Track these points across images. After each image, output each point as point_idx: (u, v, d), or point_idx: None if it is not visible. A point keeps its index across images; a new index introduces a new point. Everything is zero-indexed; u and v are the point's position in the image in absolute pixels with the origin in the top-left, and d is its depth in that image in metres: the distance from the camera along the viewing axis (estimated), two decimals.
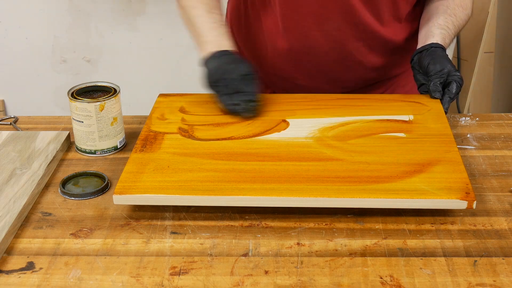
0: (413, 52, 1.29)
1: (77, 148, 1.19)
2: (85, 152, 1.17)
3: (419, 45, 1.29)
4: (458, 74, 1.22)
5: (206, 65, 1.22)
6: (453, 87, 1.21)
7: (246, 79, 1.19)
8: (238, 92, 1.18)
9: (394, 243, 0.95)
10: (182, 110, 1.22)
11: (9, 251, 0.94)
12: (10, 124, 1.29)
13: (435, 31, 1.28)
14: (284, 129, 1.15)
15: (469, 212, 1.01)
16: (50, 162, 1.12)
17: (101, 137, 1.15)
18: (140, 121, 1.29)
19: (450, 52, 2.48)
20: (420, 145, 1.10)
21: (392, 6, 1.31)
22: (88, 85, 1.19)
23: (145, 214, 1.01)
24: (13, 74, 2.67)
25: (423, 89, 1.26)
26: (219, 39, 1.25)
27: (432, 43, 1.25)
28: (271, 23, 1.34)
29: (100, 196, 1.06)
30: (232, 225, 0.99)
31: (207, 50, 1.23)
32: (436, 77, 1.22)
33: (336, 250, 0.93)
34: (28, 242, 0.95)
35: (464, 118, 1.29)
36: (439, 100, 1.22)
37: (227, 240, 0.96)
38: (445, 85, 1.23)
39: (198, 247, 0.94)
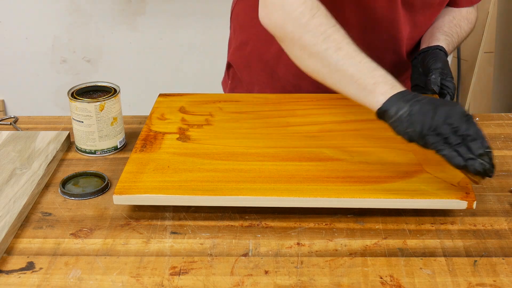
0: (413, 55, 1.29)
1: (77, 148, 1.19)
2: (85, 152, 1.17)
3: (423, 47, 1.29)
4: (452, 84, 1.22)
5: (402, 109, 0.95)
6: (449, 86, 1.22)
7: (470, 122, 0.94)
8: (473, 140, 0.92)
9: (394, 243, 0.95)
10: (182, 110, 1.21)
11: (9, 251, 0.94)
12: (10, 124, 1.29)
13: (440, 36, 1.29)
14: (284, 129, 1.15)
15: (469, 212, 1.01)
16: (50, 162, 1.12)
17: (101, 137, 1.15)
18: (140, 121, 1.29)
19: None
20: None
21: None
22: (88, 85, 1.19)
23: (145, 214, 1.01)
24: (13, 74, 2.66)
25: (416, 90, 1.26)
26: (390, 80, 1.00)
27: (438, 45, 1.26)
28: None
29: (100, 196, 1.06)
30: (232, 225, 0.99)
31: (389, 93, 0.97)
32: (438, 71, 1.22)
33: (336, 250, 0.93)
34: (28, 242, 0.95)
35: None
36: None
37: (227, 240, 0.96)
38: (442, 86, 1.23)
39: (198, 247, 0.94)
